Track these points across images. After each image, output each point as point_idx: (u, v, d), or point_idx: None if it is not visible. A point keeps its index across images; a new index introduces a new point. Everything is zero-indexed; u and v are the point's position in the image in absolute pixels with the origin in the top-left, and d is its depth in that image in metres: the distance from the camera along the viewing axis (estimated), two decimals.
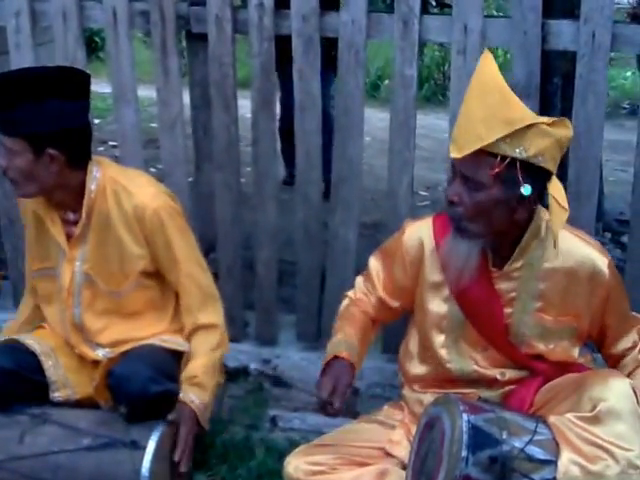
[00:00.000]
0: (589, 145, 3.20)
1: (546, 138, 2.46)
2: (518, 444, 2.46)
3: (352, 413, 3.10)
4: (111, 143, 5.11)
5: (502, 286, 2.67)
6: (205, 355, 2.99)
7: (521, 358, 2.73)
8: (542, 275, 2.66)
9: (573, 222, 2.75)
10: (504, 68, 2.75)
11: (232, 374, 3.55)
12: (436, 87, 10.29)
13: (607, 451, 2.41)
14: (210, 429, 3.07)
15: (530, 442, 2.46)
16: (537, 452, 2.46)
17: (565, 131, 2.51)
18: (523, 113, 2.50)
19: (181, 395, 2.92)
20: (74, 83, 2.85)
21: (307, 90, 3.39)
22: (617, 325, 2.78)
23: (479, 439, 2.43)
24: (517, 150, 2.45)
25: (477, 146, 2.45)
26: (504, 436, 2.46)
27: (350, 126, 3.37)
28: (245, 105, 3.53)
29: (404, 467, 2.68)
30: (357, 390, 3.39)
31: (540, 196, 2.58)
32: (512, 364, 2.75)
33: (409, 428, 2.79)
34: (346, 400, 2.63)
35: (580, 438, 2.44)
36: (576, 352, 2.78)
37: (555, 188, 2.53)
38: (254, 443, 3.26)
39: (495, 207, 2.51)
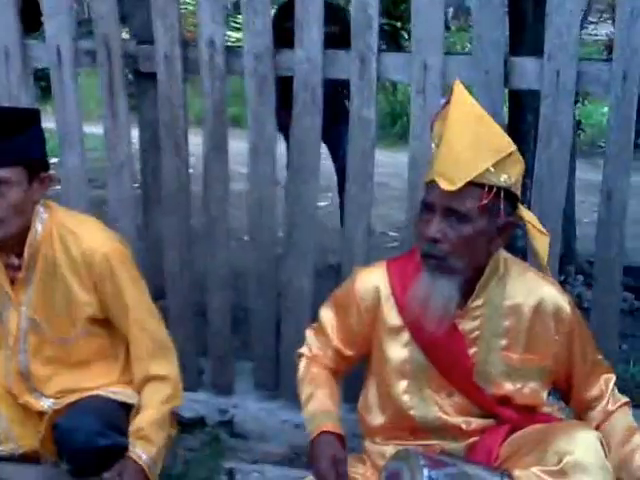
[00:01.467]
0: (552, 189, 3.13)
1: (518, 164, 2.48)
2: None
3: None
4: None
5: (465, 326, 2.61)
6: (154, 408, 2.87)
7: (487, 402, 2.66)
8: (506, 312, 2.61)
9: (537, 267, 2.69)
10: None
11: (187, 425, 3.45)
12: (409, 124, 10.12)
13: None
14: None
15: None
16: None
17: (520, 157, 2.51)
18: (506, 139, 2.50)
19: (128, 450, 2.80)
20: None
21: (261, 133, 3.30)
22: (584, 367, 2.71)
23: None
24: (502, 179, 2.43)
25: (471, 175, 2.41)
26: None
27: (304, 168, 3.30)
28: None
29: None
30: None
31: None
32: (478, 411, 2.68)
33: None
34: (339, 474, 2.56)
35: None
36: (544, 395, 2.71)
37: (526, 214, 2.54)
38: None
39: (479, 239, 2.48)
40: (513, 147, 2.47)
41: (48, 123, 2.99)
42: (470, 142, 2.43)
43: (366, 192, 3.26)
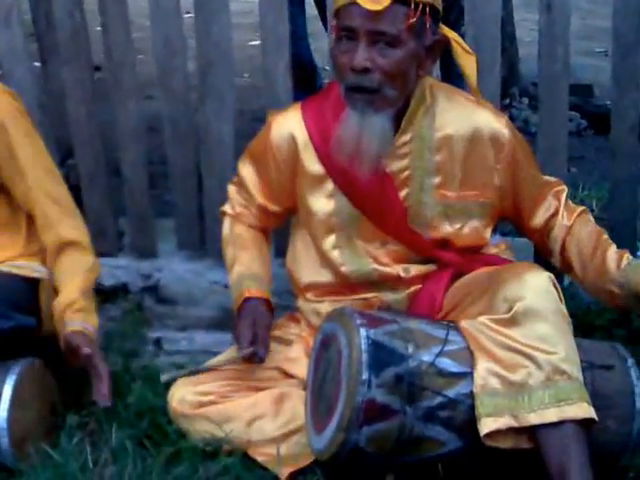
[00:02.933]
0: (487, 3, 2.87)
1: None
2: (427, 357, 2.23)
3: None
4: None
5: (393, 166, 2.43)
6: (80, 276, 2.66)
7: (425, 246, 2.50)
8: (436, 146, 2.42)
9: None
10: None
11: (108, 294, 3.21)
12: None
13: (528, 356, 2.19)
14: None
15: (440, 354, 2.24)
16: (449, 364, 2.24)
17: None
18: None
19: (69, 326, 2.57)
20: None
21: None
22: (531, 191, 2.55)
23: (381, 357, 2.19)
24: None
25: None
26: (410, 350, 2.22)
27: (212, 1, 2.97)
28: None
29: (304, 386, 2.45)
30: None
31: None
32: (416, 257, 2.51)
33: (308, 342, 2.56)
34: (259, 339, 2.44)
35: (497, 344, 2.22)
36: (487, 234, 2.56)
37: (448, 31, 2.41)
38: (135, 373, 2.92)
39: (410, 64, 2.32)
40: None
41: None
42: None
43: (283, 20, 2.96)
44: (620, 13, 2.86)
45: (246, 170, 2.62)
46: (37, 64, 3.39)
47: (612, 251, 2.44)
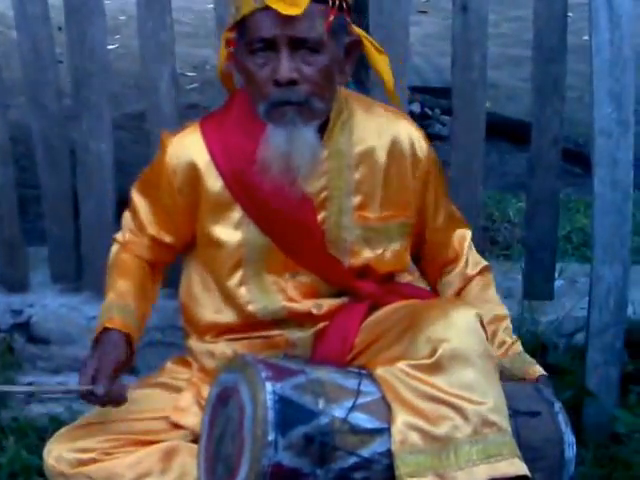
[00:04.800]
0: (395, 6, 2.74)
1: None
2: (339, 413, 1.99)
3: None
4: None
5: (310, 186, 2.22)
6: None
7: (343, 276, 2.30)
8: (355, 162, 2.25)
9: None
10: None
11: None
12: None
13: (454, 407, 1.98)
14: None
15: (353, 408, 2.00)
16: (363, 420, 2.01)
17: None
18: None
19: None
20: None
21: None
22: (436, 220, 2.41)
23: (289, 414, 1.96)
24: None
25: None
26: (320, 405, 1.99)
27: (86, 5, 2.74)
28: None
29: (196, 438, 2.21)
30: None
31: None
32: (328, 290, 2.31)
33: (199, 389, 2.32)
34: (117, 382, 2.14)
35: (417, 394, 2.00)
36: (408, 257, 2.41)
37: (359, 31, 2.24)
38: (4, 425, 2.72)
39: (333, 69, 2.15)
40: None
41: None
42: None
43: (166, 26, 2.75)
44: (542, 17, 2.73)
45: (138, 198, 2.38)
46: None
47: (501, 335, 2.35)
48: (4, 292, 3.09)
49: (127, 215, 2.43)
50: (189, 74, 5.75)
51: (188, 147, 2.26)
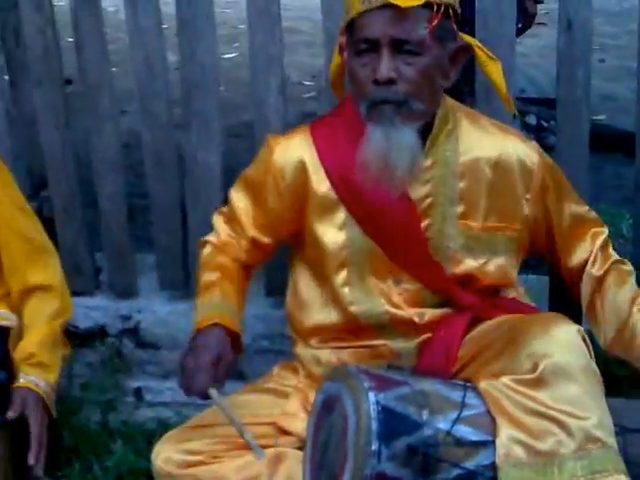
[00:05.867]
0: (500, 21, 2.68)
1: None
2: (443, 425, 2.01)
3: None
4: None
5: (415, 193, 2.25)
6: (42, 326, 2.52)
7: (445, 283, 2.31)
8: (460, 171, 2.26)
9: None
10: None
11: (84, 337, 3.02)
12: None
13: (557, 422, 1.98)
14: (57, 414, 2.51)
15: (458, 420, 2.01)
16: (468, 432, 2.03)
17: None
18: None
19: (22, 380, 2.41)
20: None
21: None
22: (565, 226, 2.39)
23: (393, 425, 1.98)
24: None
25: None
26: (424, 416, 2.00)
27: (197, 20, 2.75)
28: None
29: (302, 444, 2.23)
30: None
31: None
32: (432, 299, 2.32)
33: (306, 395, 2.35)
34: (218, 377, 2.16)
35: (521, 408, 2.01)
36: (514, 274, 2.39)
37: (469, 38, 2.27)
38: (113, 428, 2.75)
39: (436, 73, 2.17)
40: None
41: None
42: None
43: (275, 40, 2.75)
44: None
45: (239, 199, 2.41)
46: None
47: None
48: (113, 298, 3.12)
49: (220, 219, 2.47)
50: (307, 83, 5.79)
51: (297, 148, 2.31)
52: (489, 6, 2.66)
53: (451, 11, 2.16)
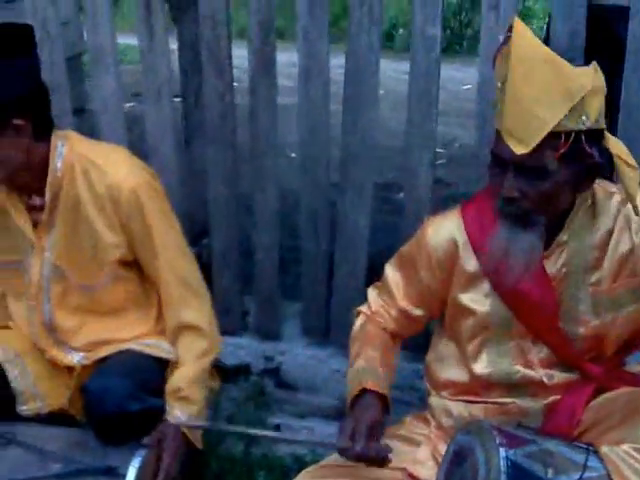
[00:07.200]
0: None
1: (598, 96, 2.19)
2: None
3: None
4: None
5: (551, 266, 2.36)
6: (192, 363, 2.62)
7: (572, 353, 2.41)
8: (593, 244, 2.36)
9: None
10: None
11: (229, 373, 3.21)
12: (452, 36, 9.86)
13: None
14: (204, 444, 2.68)
15: None
16: None
17: (602, 78, 2.22)
18: (578, 79, 2.18)
19: (166, 412, 2.56)
20: (19, 37, 2.47)
21: (312, 52, 2.98)
22: None
23: (520, 479, 2.07)
24: (580, 121, 2.16)
25: (544, 133, 2.12)
26: (550, 475, 2.10)
27: (361, 94, 2.97)
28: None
29: None
30: None
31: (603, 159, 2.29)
32: (561, 363, 2.42)
33: (435, 445, 2.46)
34: (375, 441, 2.27)
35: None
36: None
37: (614, 145, 2.25)
38: (254, 460, 2.92)
39: (564, 189, 2.24)
40: (588, 87, 2.15)
41: None
42: (538, 92, 2.16)
43: (432, 117, 2.95)
44: None
45: (393, 272, 2.56)
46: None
47: None
48: (259, 340, 3.32)
49: (373, 291, 2.61)
50: (438, 150, 5.91)
51: (449, 227, 2.44)
52: (633, 99, 2.78)
53: (583, 135, 2.17)
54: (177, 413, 2.55)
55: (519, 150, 2.15)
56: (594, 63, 2.22)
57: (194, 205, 3.32)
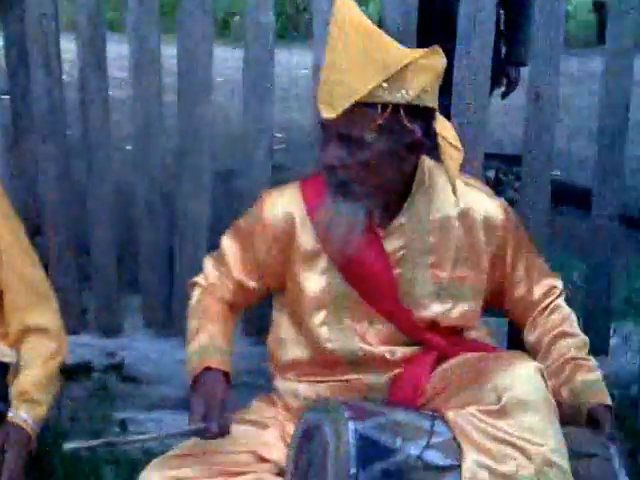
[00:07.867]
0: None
1: (425, 74, 2.25)
2: (414, 451, 2.17)
3: None
4: None
5: (390, 245, 2.43)
6: (38, 366, 2.55)
7: (413, 327, 2.48)
8: (432, 227, 2.44)
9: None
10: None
11: (71, 372, 3.12)
12: (288, 21, 9.85)
13: (518, 448, 2.14)
14: (49, 444, 2.68)
15: (427, 446, 2.18)
16: (436, 457, 2.18)
17: (441, 60, 2.29)
18: (397, 52, 2.27)
19: (10, 415, 2.47)
20: None
21: (143, 45, 2.99)
22: (519, 276, 2.58)
23: (370, 451, 2.14)
24: (398, 95, 2.22)
25: (352, 100, 2.21)
26: (398, 443, 2.17)
27: (195, 84, 2.99)
28: None
29: (281, 471, 2.38)
30: None
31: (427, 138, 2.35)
32: (402, 339, 2.49)
33: (284, 426, 2.48)
34: (226, 418, 2.29)
35: (485, 435, 2.17)
36: (477, 317, 2.57)
37: (443, 126, 2.36)
38: (100, 456, 2.86)
39: (383, 162, 2.29)
40: (411, 57, 2.23)
41: None
42: (352, 61, 2.23)
43: (267, 104, 3.00)
44: (604, 106, 2.96)
45: (229, 244, 2.57)
46: None
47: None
48: (99, 336, 3.27)
49: (209, 262, 2.61)
50: (277, 135, 5.90)
51: (286, 202, 2.48)
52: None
53: (402, 109, 2.23)
54: (22, 415, 2.47)
55: (327, 114, 2.23)
56: (436, 46, 2.27)
57: (26, 204, 3.22)
